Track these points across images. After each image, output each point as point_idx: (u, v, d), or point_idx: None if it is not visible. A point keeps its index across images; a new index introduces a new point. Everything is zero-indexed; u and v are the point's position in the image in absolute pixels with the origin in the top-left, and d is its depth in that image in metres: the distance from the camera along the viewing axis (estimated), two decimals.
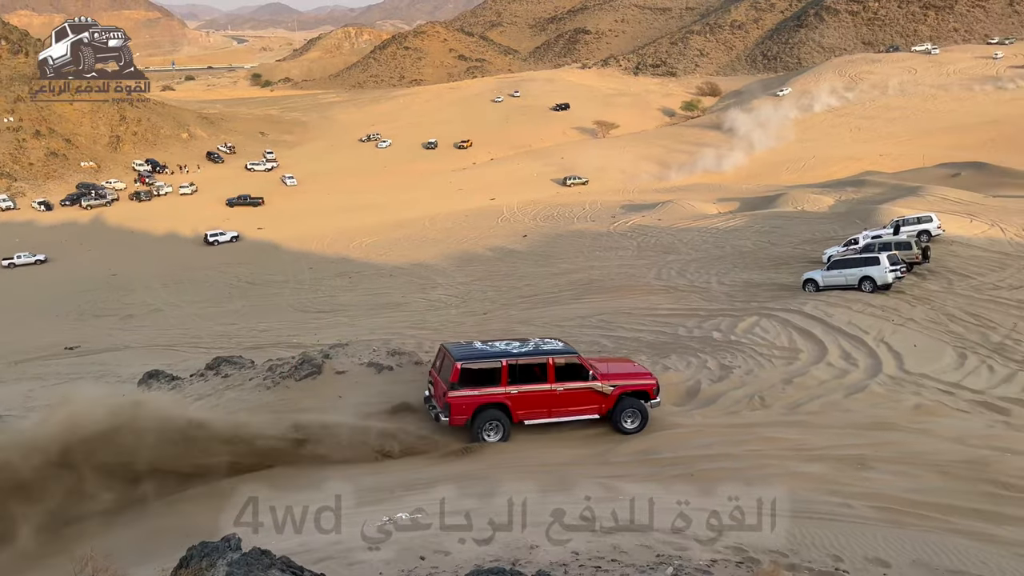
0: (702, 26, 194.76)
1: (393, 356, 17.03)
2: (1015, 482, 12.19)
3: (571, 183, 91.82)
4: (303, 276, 55.41)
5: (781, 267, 37.81)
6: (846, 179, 76.23)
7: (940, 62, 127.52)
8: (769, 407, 15.08)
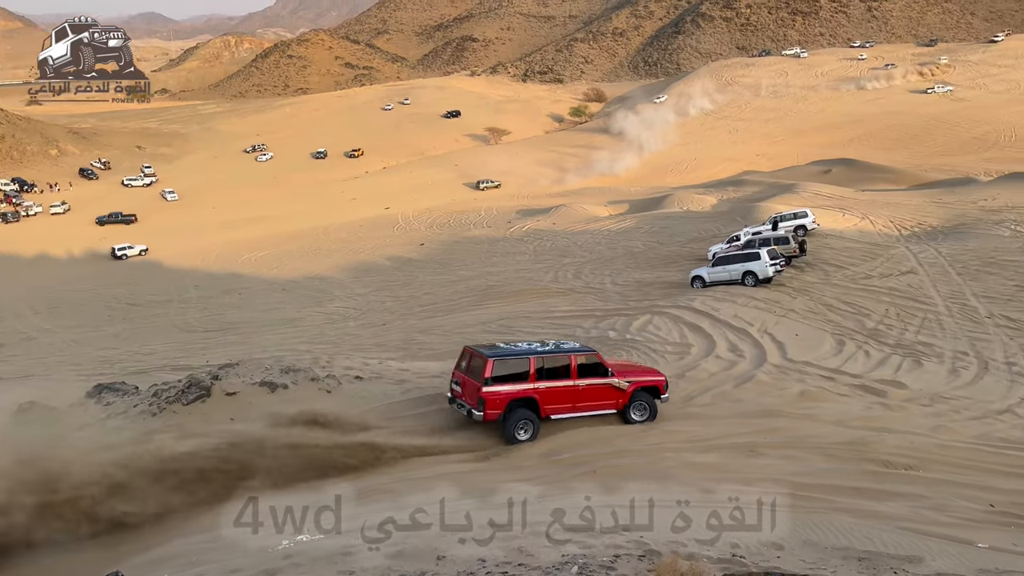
0: (585, 34, 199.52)
1: (287, 373, 16.51)
2: (893, 460, 13.00)
3: (484, 187, 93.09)
4: (188, 294, 53.09)
5: (670, 265, 39.06)
6: (727, 179, 79.69)
7: (809, 65, 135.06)
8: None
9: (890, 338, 23.88)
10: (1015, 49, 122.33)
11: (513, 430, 14.02)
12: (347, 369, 18.49)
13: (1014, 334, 23.94)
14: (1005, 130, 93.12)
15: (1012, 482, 12.45)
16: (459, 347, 16.78)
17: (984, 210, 44.55)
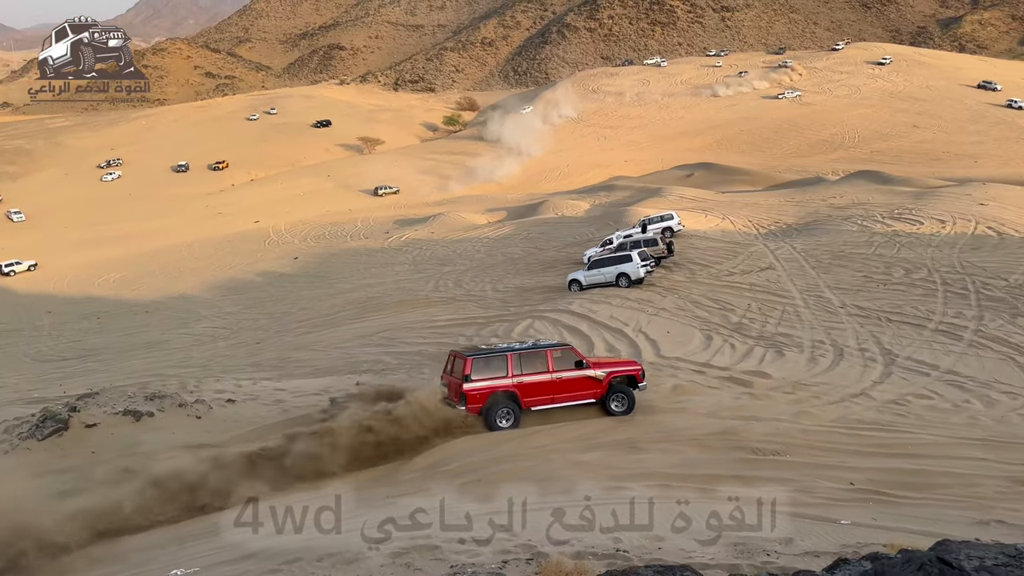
0: (455, 43, 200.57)
1: (153, 400, 15.61)
2: (762, 446, 13.69)
3: (383, 192, 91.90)
4: (40, 322, 49.37)
5: (548, 270, 39.75)
6: (598, 184, 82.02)
7: (669, 74, 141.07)
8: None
9: (753, 331, 25.21)
10: (854, 57, 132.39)
11: (495, 420, 15.04)
12: (218, 392, 17.69)
13: (864, 322, 25.79)
14: (849, 132, 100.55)
15: (868, 460, 13.37)
16: (339, 363, 16.47)
17: (833, 207, 47.86)
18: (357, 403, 15.62)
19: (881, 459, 13.61)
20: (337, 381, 20.48)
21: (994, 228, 37.43)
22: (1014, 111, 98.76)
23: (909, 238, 36.71)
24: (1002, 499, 11.52)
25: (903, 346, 23.01)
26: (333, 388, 19.17)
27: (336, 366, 24.79)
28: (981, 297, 27.36)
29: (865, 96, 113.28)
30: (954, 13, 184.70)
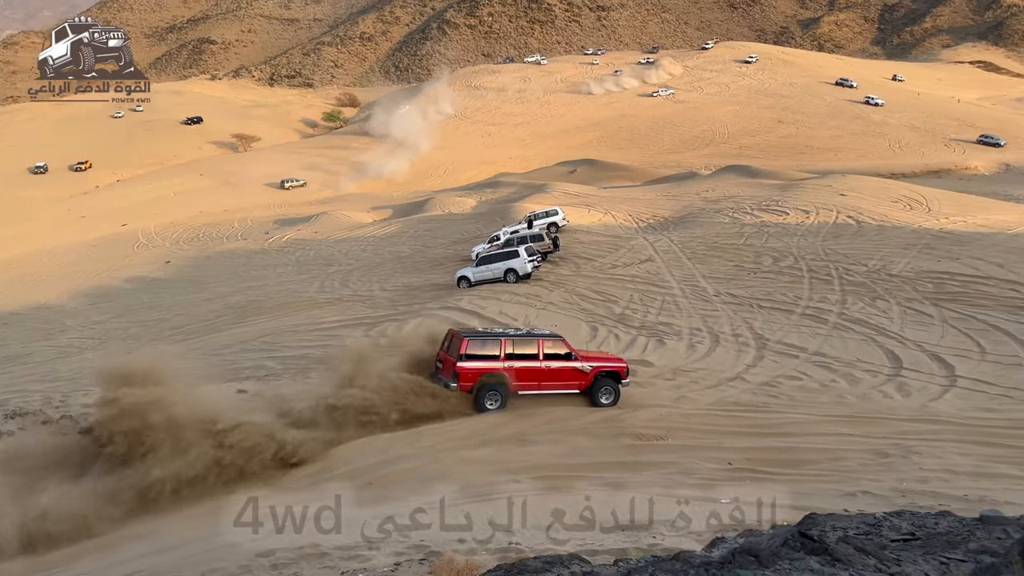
0: (332, 37, 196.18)
1: (13, 419, 14.50)
2: (646, 432, 14.15)
3: (289, 186, 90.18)
4: None
5: (437, 268, 39.60)
6: (484, 181, 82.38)
7: (549, 72, 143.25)
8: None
9: (636, 321, 26.00)
10: (722, 55, 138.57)
11: (483, 401, 15.51)
12: (86, 407, 16.62)
13: (737, 309, 27.08)
14: (719, 128, 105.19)
15: (745, 441, 14.07)
16: (219, 370, 15.79)
17: (706, 200, 49.99)
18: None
19: (756, 439, 14.34)
20: (217, 389, 19.66)
21: (853, 217, 40.09)
22: (870, 107, 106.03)
23: (776, 228, 38.80)
24: (866, 471, 12.38)
25: (774, 331, 24.30)
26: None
27: (216, 374, 23.79)
28: (843, 282, 29.25)
29: (734, 93, 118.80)
30: (813, 14, 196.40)
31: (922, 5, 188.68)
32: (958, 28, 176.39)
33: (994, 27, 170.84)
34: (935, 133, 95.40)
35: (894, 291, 27.71)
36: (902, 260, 31.63)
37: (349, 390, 14.75)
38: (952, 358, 21.16)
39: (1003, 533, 4.14)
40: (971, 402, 18.08)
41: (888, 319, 24.85)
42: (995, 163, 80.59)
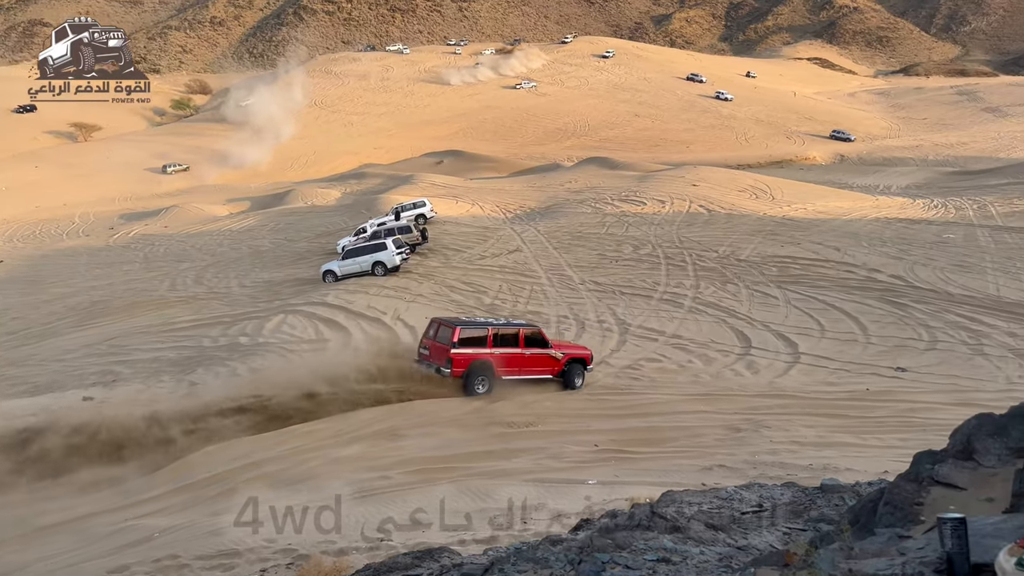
0: (180, 21, 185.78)
1: None
2: (516, 420, 14.35)
3: (172, 171, 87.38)
4: None
5: (300, 262, 38.39)
6: (348, 172, 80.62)
7: (412, 61, 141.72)
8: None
9: (505, 311, 26.29)
10: (581, 50, 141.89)
11: (474, 385, 16.65)
12: None
13: (601, 296, 27.93)
14: (580, 121, 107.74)
15: (610, 423, 14.55)
16: (61, 377, 14.79)
17: (570, 191, 51.18)
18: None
19: (621, 420, 14.87)
20: (59, 398, 18.25)
21: (704, 206, 42.22)
22: (720, 101, 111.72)
23: (635, 218, 40.30)
24: (721, 446, 13.10)
25: (635, 316, 25.26)
26: (55, 406, 17.04)
27: (58, 381, 22.03)
28: (697, 268, 30.77)
29: (593, 87, 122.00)
30: (665, 11, 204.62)
31: (764, 4, 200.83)
32: (797, 26, 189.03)
33: (828, 26, 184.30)
34: (778, 126, 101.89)
35: (742, 275, 29.44)
36: (749, 246, 33.64)
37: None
38: (795, 336, 22.74)
39: (840, 500, 4.49)
40: (813, 377, 19.51)
41: (738, 301, 26.38)
42: (832, 154, 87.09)
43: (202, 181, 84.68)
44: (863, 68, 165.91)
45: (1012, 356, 20.78)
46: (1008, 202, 43.67)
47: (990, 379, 19.13)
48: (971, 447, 2.66)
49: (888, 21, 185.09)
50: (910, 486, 2.52)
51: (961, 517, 1.97)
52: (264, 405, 15.18)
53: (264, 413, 14.94)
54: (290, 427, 14.53)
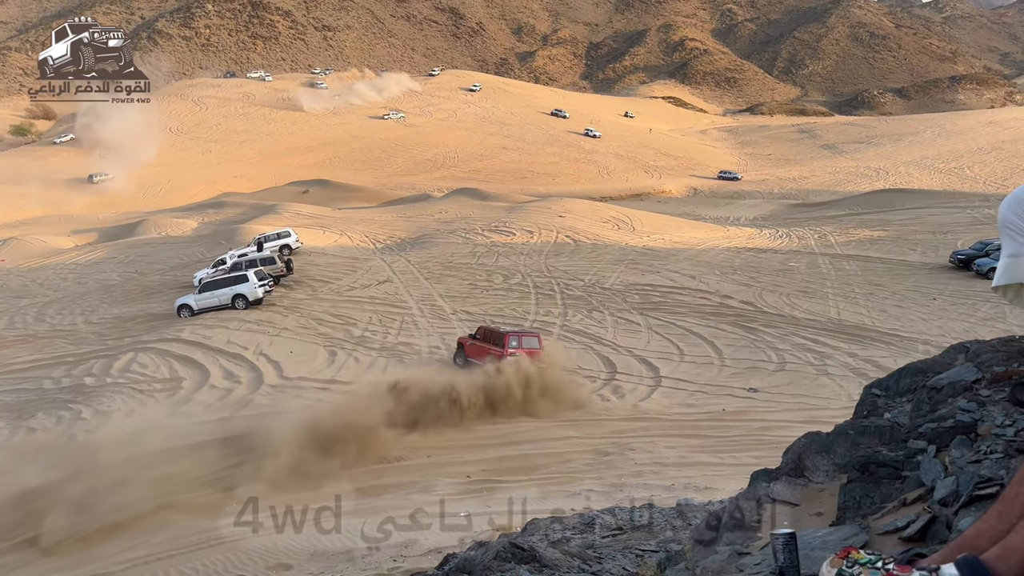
0: (21, 43, 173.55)
1: None
2: (389, 454, 14.09)
3: (98, 180, 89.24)
4: None
5: (153, 296, 36.34)
6: (207, 201, 77.37)
7: (275, 88, 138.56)
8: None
9: (375, 343, 25.92)
10: (448, 83, 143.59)
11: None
12: None
13: (473, 325, 28.03)
14: (449, 152, 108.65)
15: (481, 453, 14.57)
16: None
17: (440, 222, 51.31)
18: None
19: (492, 450, 14.94)
20: None
21: (571, 236, 43.45)
22: (582, 137, 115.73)
23: (505, 248, 40.91)
24: (589, 470, 13.42)
25: None
26: None
27: None
28: (565, 296, 31.54)
29: (461, 120, 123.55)
30: (528, 48, 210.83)
31: (622, 45, 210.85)
32: (652, 66, 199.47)
33: (681, 67, 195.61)
34: (636, 160, 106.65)
35: (607, 303, 30.44)
36: (613, 275, 34.87)
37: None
38: (657, 361, 23.69)
39: (695, 520, 4.70)
40: (674, 399, 20.36)
41: (603, 328, 27.22)
42: (686, 187, 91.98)
43: (58, 209, 78.72)
44: (713, 107, 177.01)
45: (853, 375, 22.50)
46: (845, 232, 47.57)
47: (834, 397, 20.62)
48: (802, 464, 2.87)
49: (735, 63, 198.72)
50: (749, 504, 2.70)
51: (791, 532, 2.13)
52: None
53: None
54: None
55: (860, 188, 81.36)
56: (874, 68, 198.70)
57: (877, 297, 31.82)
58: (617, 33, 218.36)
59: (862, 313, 29.54)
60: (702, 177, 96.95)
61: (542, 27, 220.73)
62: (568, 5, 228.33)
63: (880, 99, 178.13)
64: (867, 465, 2.58)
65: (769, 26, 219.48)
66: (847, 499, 2.52)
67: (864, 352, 24.61)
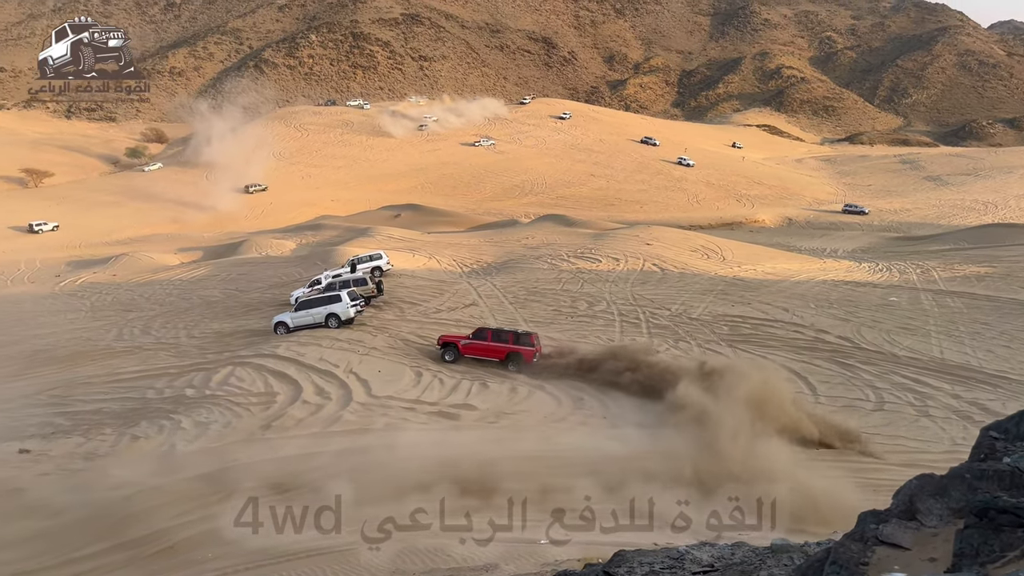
0: (139, 71, 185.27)
1: None
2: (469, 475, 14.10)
3: (253, 190, 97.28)
4: None
5: (252, 313, 37.80)
6: (304, 223, 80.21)
7: (371, 116, 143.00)
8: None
9: (459, 365, 26.14)
10: (539, 111, 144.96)
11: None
12: None
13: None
14: (537, 179, 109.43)
15: (579, 480, 14.40)
16: None
17: (526, 247, 51.62)
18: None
19: (579, 479, 14.75)
20: None
21: (658, 265, 42.92)
22: (671, 164, 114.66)
23: (590, 275, 40.75)
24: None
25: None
26: None
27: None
28: (650, 325, 31.11)
29: (550, 147, 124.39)
30: (620, 76, 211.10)
31: (716, 72, 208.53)
32: (747, 94, 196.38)
33: (776, 95, 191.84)
34: (728, 189, 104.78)
35: (694, 333, 29.83)
36: (701, 305, 34.20)
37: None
38: None
39: (789, 560, 4.51)
40: None
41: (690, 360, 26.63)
42: (780, 217, 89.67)
43: (124, 234, 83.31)
44: (810, 135, 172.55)
45: (956, 418, 21.31)
46: (950, 267, 45.33)
47: (935, 440, 19.57)
48: (914, 507, 2.72)
49: (834, 91, 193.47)
50: (855, 545, 2.57)
51: None
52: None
53: None
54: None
55: (966, 222, 77.59)
56: (983, 97, 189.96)
57: (984, 336, 30.13)
58: (711, 61, 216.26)
59: (967, 353, 28.00)
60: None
61: (634, 55, 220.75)
62: (661, 34, 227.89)
63: (989, 129, 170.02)
64: (986, 511, 2.42)
65: (870, 54, 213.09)
66: (964, 546, 2.37)
67: (969, 394, 23.29)
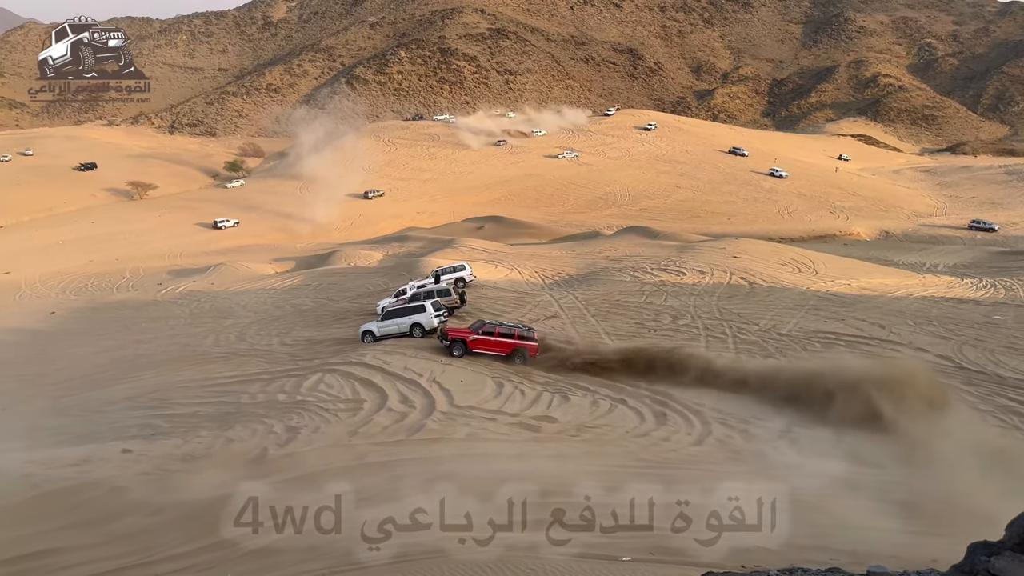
0: (238, 87, 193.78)
1: None
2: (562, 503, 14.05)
3: (372, 196, 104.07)
4: None
5: (341, 322, 38.81)
6: (391, 235, 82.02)
7: (457, 130, 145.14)
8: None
9: (540, 377, 26.13)
10: (623, 123, 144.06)
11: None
12: None
13: None
14: (621, 191, 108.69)
15: (664, 495, 14.18)
16: (101, 429, 14.97)
17: (609, 259, 51.25)
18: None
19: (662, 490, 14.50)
20: (100, 449, 18.49)
21: (746, 278, 41.88)
22: (760, 175, 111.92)
23: (674, 288, 40.10)
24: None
25: (674, 388, 24.87)
26: (95, 457, 17.28)
27: (98, 432, 22.40)
28: (737, 340, 30.35)
29: (634, 158, 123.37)
30: (707, 86, 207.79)
31: (808, 81, 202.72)
32: (840, 103, 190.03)
33: (872, 104, 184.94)
34: (821, 200, 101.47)
35: (784, 349, 28.95)
36: (791, 320, 33.15)
37: None
38: None
39: None
40: None
41: None
42: (876, 230, 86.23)
43: (220, 244, 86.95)
44: (908, 146, 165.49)
45: None
46: None
47: None
48: None
49: (934, 100, 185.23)
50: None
51: None
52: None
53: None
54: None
55: None
56: None
57: None
58: (803, 69, 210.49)
59: None
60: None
61: (723, 65, 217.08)
62: (751, 43, 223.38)
63: None
64: None
65: (974, 60, 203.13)
66: None
67: None
